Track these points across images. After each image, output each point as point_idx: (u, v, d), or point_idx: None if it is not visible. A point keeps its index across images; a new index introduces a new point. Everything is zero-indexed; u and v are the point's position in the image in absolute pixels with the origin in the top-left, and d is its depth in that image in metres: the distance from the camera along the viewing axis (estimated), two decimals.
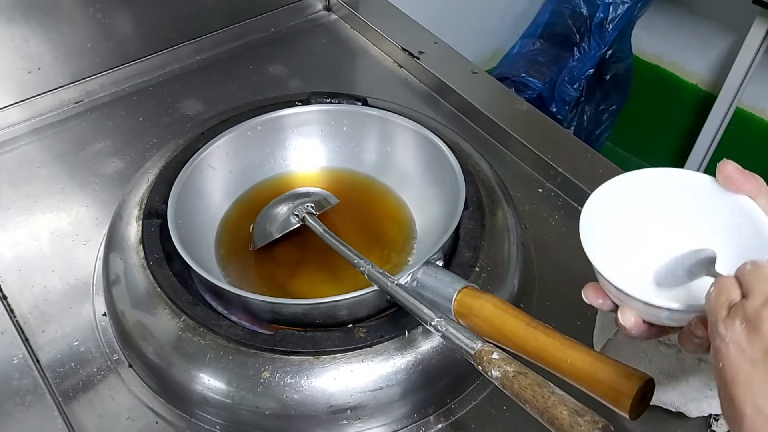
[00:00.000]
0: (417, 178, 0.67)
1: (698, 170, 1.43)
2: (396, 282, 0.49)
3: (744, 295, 0.33)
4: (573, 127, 1.50)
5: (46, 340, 0.58)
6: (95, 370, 0.56)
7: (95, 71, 0.81)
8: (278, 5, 0.93)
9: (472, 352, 0.42)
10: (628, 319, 0.39)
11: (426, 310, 0.45)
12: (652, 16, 1.52)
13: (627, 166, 0.76)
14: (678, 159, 1.59)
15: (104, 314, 0.60)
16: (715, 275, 0.38)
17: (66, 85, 0.79)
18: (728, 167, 0.39)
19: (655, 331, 0.40)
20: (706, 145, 1.39)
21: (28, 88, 0.77)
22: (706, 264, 0.39)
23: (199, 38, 0.87)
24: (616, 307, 0.41)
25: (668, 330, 0.40)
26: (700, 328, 0.36)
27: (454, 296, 0.48)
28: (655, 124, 1.64)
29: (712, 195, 0.41)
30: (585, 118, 1.51)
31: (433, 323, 0.44)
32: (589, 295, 0.42)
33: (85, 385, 0.55)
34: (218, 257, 0.63)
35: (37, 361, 0.56)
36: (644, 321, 0.39)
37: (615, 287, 0.39)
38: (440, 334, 0.44)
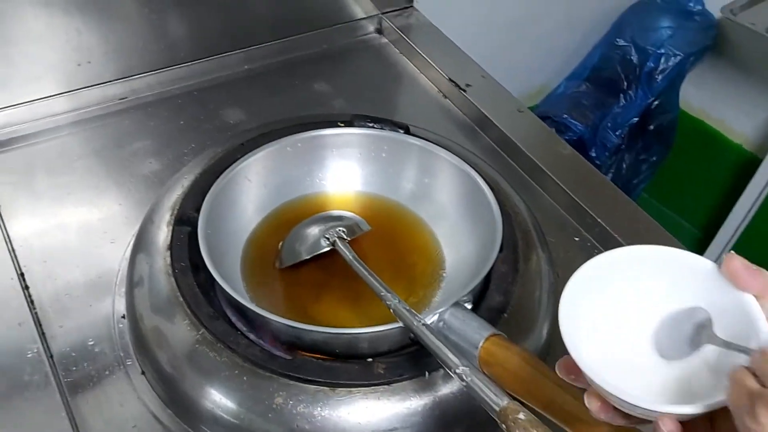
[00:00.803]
0: (452, 214, 0.65)
1: (734, 234, 1.40)
2: (423, 322, 0.47)
3: (763, 384, 0.31)
4: (611, 174, 1.47)
5: (62, 335, 0.57)
6: (107, 372, 0.55)
7: (143, 70, 0.81)
8: (330, 24, 0.93)
9: (497, 409, 0.40)
10: (593, 404, 0.36)
11: (451, 356, 0.44)
12: (703, 70, 1.50)
13: (662, 220, 0.74)
14: (715, 219, 1.56)
15: (123, 316, 0.59)
16: (716, 340, 0.35)
17: (113, 80, 0.80)
18: (735, 262, 0.36)
19: (634, 420, 0.37)
20: (746, 209, 1.36)
21: (75, 80, 0.78)
22: (705, 328, 0.37)
23: (249, 48, 0.88)
24: (588, 385, 0.38)
25: (642, 420, 0.37)
26: (665, 426, 0.34)
27: (481, 343, 0.47)
28: (694, 181, 1.61)
29: (713, 285, 0.37)
30: (624, 166, 1.48)
31: (457, 371, 0.43)
32: (561, 369, 0.39)
33: (95, 388, 0.54)
34: (243, 271, 0.62)
35: (51, 356, 0.55)
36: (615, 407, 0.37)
37: (584, 373, 0.36)
38: (464, 383, 0.42)
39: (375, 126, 0.69)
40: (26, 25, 0.71)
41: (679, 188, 1.64)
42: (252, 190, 0.65)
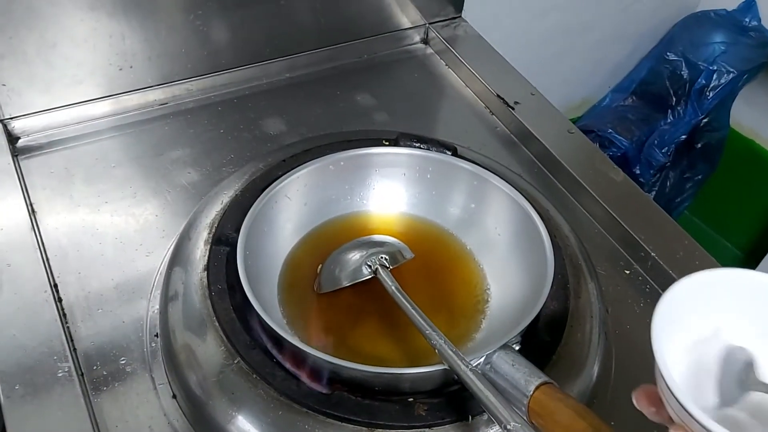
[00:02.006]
0: (499, 242, 0.62)
1: None
2: (471, 367, 0.45)
3: None
4: (654, 192, 1.43)
5: (94, 353, 0.56)
6: (137, 394, 0.54)
7: (185, 76, 0.79)
8: (375, 32, 0.91)
9: None
10: None
11: (503, 411, 0.41)
12: (755, 88, 1.44)
13: (703, 239, 0.70)
14: (759, 242, 1.50)
15: (156, 335, 0.57)
16: (761, 387, 0.33)
17: (154, 86, 0.78)
18: None
19: None
20: None
21: (117, 84, 0.76)
22: (749, 371, 0.35)
23: (291, 56, 0.85)
24: (670, 420, 0.34)
25: None
26: None
27: (531, 392, 0.44)
28: (739, 201, 1.55)
29: None
30: (668, 184, 1.44)
31: (509, 427, 0.40)
32: (640, 400, 0.36)
33: (125, 411, 0.53)
34: (280, 292, 0.60)
35: (82, 374, 0.54)
36: None
37: (681, 405, 0.32)
38: None
39: (421, 146, 0.66)
40: (71, 29, 0.70)
41: (723, 208, 1.58)
42: (292, 208, 0.63)
